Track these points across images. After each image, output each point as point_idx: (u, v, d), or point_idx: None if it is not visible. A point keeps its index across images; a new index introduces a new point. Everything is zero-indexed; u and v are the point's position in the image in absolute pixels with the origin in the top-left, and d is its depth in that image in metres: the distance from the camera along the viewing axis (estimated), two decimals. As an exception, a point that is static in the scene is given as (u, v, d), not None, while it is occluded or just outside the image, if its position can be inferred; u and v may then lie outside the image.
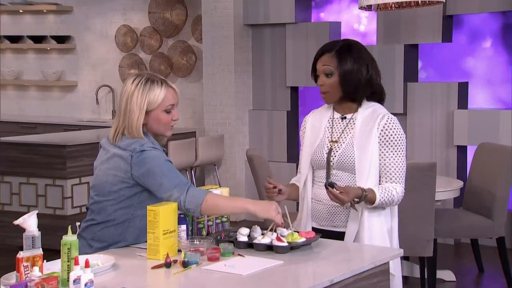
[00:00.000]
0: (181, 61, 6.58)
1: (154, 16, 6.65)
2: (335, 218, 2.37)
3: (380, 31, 5.29)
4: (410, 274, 4.21)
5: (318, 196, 2.39)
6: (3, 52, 7.58)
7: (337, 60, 2.32)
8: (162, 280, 1.97)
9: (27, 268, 1.75)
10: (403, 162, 2.33)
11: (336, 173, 2.34)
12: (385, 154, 2.31)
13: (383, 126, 2.31)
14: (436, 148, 5.09)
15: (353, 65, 2.31)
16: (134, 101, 2.24)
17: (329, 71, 2.32)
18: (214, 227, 2.36)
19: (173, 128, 2.34)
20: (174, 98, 2.32)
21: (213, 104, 5.92)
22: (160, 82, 2.29)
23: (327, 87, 2.34)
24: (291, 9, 5.57)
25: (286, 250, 2.14)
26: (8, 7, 7.33)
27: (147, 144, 2.23)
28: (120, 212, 2.23)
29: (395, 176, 2.32)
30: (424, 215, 3.66)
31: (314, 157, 2.39)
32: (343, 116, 2.39)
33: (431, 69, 5.35)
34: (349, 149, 2.32)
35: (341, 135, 2.37)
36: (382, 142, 2.31)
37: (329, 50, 2.35)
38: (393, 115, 2.37)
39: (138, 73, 2.32)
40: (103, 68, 7.02)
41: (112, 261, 2.02)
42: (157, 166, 2.19)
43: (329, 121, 2.41)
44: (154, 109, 2.26)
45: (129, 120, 2.24)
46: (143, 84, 2.26)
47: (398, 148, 2.31)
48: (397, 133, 2.32)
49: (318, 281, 1.91)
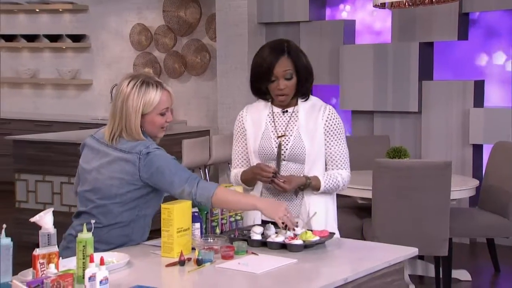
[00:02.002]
0: (195, 59, 6.59)
1: (168, 15, 6.67)
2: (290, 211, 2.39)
3: (395, 29, 5.25)
4: (425, 274, 4.18)
5: (269, 190, 2.45)
6: (20, 51, 7.66)
7: (292, 62, 2.40)
8: (176, 278, 1.98)
9: (43, 265, 1.76)
10: (346, 149, 2.48)
11: (286, 164, 2.43)
12: (331, 144, 2.44)
13: (327, 117, 2.44)
14: (451, 147, 5.05)
15: (306, 62, 2.44)
16: (130, 104, 2.23)
17: (290, 75, 2.40)
18: (228, 225, 2.37)
19: (165, 129, 2.34)
20: (169, 101, 2.32)
21: (227, 103, 5.92)
22: (156, 85, 2.28)
23: (288, 90, 2.41)
24: (305, 7, 5.56)
25: (300, 249, 2.14)
26: (25, 6, 7.39)
27: (152, 145, 2.24)
28: (126, 214, 2.24)
29: (342, 163, 2.46)
30: (439, 214, 3.64)
31: (262, 151, 2.45)
32: (285, 110, 2.48)
33: (447, 67, 5.30)
34: (299, 141, 2.42)
35: (287, 128, 2.45)
36: (327, 132, 2.44)
37: (281, 53, 2.40)
38: (331, 106, 2.50)
39: (134, 75, 2.31)
40: (118, 67, 7.06)
41: (127, 259, 2.03)
42: (165, 165, 2.20)
43: (269, 115, 2.48)
44: (150, 112, 2.26)
45: (127, 122, 2.24)
46: (139, 87, 2.25)
47: (341, 136, 2.46)
48: (339, 123, 2.46)
49: (332, 280, 1.91)
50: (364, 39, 5.62)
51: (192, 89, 6.70)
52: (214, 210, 2.31)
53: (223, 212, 2.35)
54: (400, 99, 5.16)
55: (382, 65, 5.20)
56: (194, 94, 6.69)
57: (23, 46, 7.55)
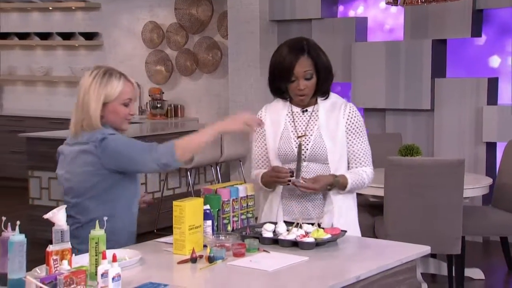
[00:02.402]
0: (207, 57, 6.60)
1: (180, 13, 6.68)
2: (309, 211, 2.40)
3: (408, 26, 5.22)
4: (438, 272, 4.16)
5: (290, 190, 2.42)
6: (33, 48, 7.71)
7: (312, 62, 2.38)
8: (188, 275, 1.99)
9: (56, 262, 1.77)
10: (368, 145, 2.46)
11: (308, 165, 2.39)
12: (352, 141, 2.42)
13: (348, 115, 2.42)
14: (464, 145, 5.01)
15: (326, 61, 2.41)
16: (92, 93, 2.22)
17: (310, 75, 2.38)
18: (239, 222, 2.37)
19: (129, 122, 2.32)
20: (133, 93, 2.29)
21: (238, 100, 5.92)
22: (119, 75, 2.26)
23: (309, 90, 2.39)
24: (317, 4, 5.54)
25: (311, 246, 2.14)
26: (38, 4, 7.45)
27: (107, 130, 2.22)
28: (102, 208, 2.21)
29: (365, 160, 2.43)
30: (452, 212, 3.62)
31: (282, 151, 2.42)
32: (304, 110, 2.44)
33: (460, 65, 5.26)
34: (319, 141, 2.38)
35: (307, 128, 2.41)
36: (349, 130, 2.41)
37: (301, 53, 2.37)
38: (352, 103, 2.47)
39: (96, 67, 2.30)
40: (130, 65, 7.08)
41: (139, 256, 2.04)
42: (121, 145, 2.19)
43: (288, 115, 2.45)
44: (112, 101, 2.23)
45: (87, 112, 2.22)
46: (101, 77, 2.23)
47: (363, 133, 2.43)
48: (360, 120, 2.44)
49: (344, 278, 1.91)
50: (377, 36, 5.59)
51: (204, 87, 6.71)
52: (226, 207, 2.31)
53: (235, 210, 2.35)
54: (412, 97, 5.13)
55: (394, 63, 5.17)
56: (205, 92, 6.70)
57: (36, 44, 7.60)
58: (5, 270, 1.80)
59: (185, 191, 5.62)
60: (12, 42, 7.67)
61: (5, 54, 7.85)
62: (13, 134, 6.12)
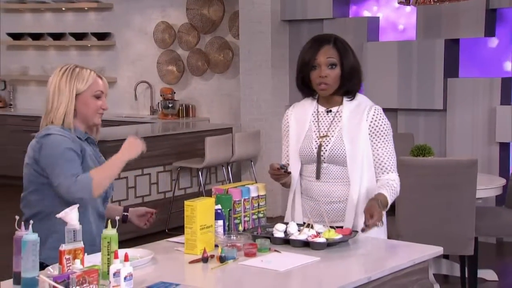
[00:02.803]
0: (218, 57, 6.60)
1: (191, 13, 6.70)
2: (331, 214, 2.35)
3: (420, 26, 5.19)
4: (450, 273, 4.13)
5: (309, 193, 2.39)
6: (46, 49, 7.76)
7: (338, 53, 2.33)
8: (199, 274, 1.99)
9: (69, 261, 1.78)
10: (393, 151, 2.38)
11: (327, 167, 2.34)
12: (377, 146, 2.34)
13: (372, 118, 2.33)
14: (477, 145, 4.97)
15: (353, 58, 2.35)
16: (63, 86, 2.21)
17: (333, 62, 2.32)
18: (250, 222, 2.37)
19: (101, 116, 2.30)
20: (104, 87, 2.29)
21: (250, 100, 5.92)
22: (89, 70, 2.27)
23: (331, 79, 2.32)
24: (328, 4, 5.53)
25: (323, 247, 2.13)
26: (51, 4, 7.50)
27: (55, 128, 2.18)
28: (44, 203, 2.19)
29: (389, 165, 2.36)
30: (464, 213, 3.59)
31: (303, 152, 2.38)
32: (329, 110, 2.39)
33: (473, 65, 5.23)
34: (339, 143, 2.33)
35: (329, 128, 2.37)
36: (373, 134, 2.34)
37: (327, 42, 2.35)
38: (379, 106, 2.38)
39: (64, 64, 2.30)
40: (142, 64, 7.11)
41: (151, 255, 2.04)
42: (55, 151, 2.14)
43: (313, 115, 2.41)
44: (83, 92, 2.22)
45: (57, 108, 2.19)
46: (72, 70, 2.24)
47: (387, 138, 2.35)
48: (385, 123, 2.35)
49: (356, 278, 1.90)
50: (389, 36, 5.57)
51: (215, 87, 6.72)
52: (237, 207, 2.32)
53: (246, 210, 2.35)
54: (424, 97, 5.10)
55: (406, 62, 5.14)
56: (217, 92, 6.71)
57: (49, 45, 7.66)
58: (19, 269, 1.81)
59: (197, 191, 5.63)
60: (26, 42, 7.73)
61: (19, 54, 7.91)
62: (26, 134, 6.14)
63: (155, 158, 5.34)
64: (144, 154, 2.37)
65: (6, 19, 7.90)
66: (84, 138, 2.26)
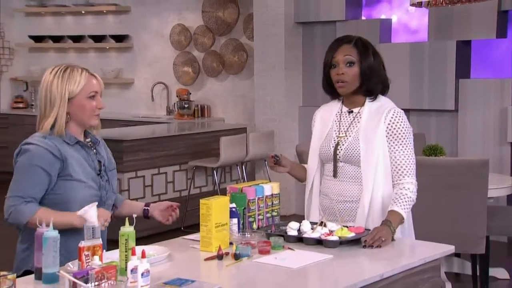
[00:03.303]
0: (233, 58, 6.61)
1: (207, 15, 6.72)
2: (343, 213, 2.34)
3: (432, 27, 5.16)
4: (462, 271, 4.10)
5: (325, 191, 2.39)
6: (66, 51, 7.83)
7: (357, 51, 2.32)
8: (214, 271, 2.00)
9: (88, 257, 1.80)
10: (412, 155, 2.32)
11: (343, 166, 2.34)
12: (394, 148, 2.30)
13: (390, 120, 2.30)
14: (488, 145, 4.93)
15: (373, 58, 2.33)
16: (55, 90, 2.09)
17: (351, 60, 2.31)
18: (264, 221, 2.37)
19: (99, 116, 2.18)
20: (98, 86, 2.17)
21: (264, 101, 5.92)
22: (81, 70, 2.15)
23: (348, 77, 2.31)
24: (341, 6, 5.51)
25: (335, 245, 2.13)
26: (71, 8, 7.56)
27: (37, 138, 2.09)
28: None
29: (406, 170, 2.29)
30: (476, 212, 3.56)
31: (322, 150, 2.39)
32: (350, 110, 2.39)
33: (485, 66, 5.18)
34: (355, 143, 2.32)
35: (348, 128, 2.36)
36: (390, 136, 2.30)
37: (347, 42, 2.35)
38: (400, 109, 2.35)
39: (56, 64, 2.18)
40: (158, 66, 7.14)
41: (167, 252, 2.05)
42: (20, 165, 2.07)
43: (337, 115, 2.41)
44: (76, 95, 2.10)
45: (49, 111, 2.09)
46: (63, 72, 2.11)
47: (406, 141, 2.30)
48: (404, 127, 2.31)
49: (369, 276, 1.89)
50: (401, 37, 5.54)
51: (230, 88, 6.73)
52: (251, 205, 2.32)
53: (260, 208, 2.36)
54: (436, 97, 5.07)
55: (418, 64, 5.11)
56: (231, 92, 6.72)
57: (69, 47, 7.72)
58: (40, 264, 1.83)
59: (211, 189, 5.64)
60: (47, 45, 7.80)
61: (40, 56, 7.99)
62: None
63: (171, 158, 5.36)
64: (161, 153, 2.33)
65: (28, 22, 7.98)
66: (73, 143, 2.14)
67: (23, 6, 7.90)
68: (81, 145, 2.18)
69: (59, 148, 2.10)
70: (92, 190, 2.14)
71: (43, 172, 2.07)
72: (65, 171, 2.10)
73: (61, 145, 2.11)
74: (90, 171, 2.16)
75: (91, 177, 2.16)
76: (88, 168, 2.16)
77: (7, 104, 7.98)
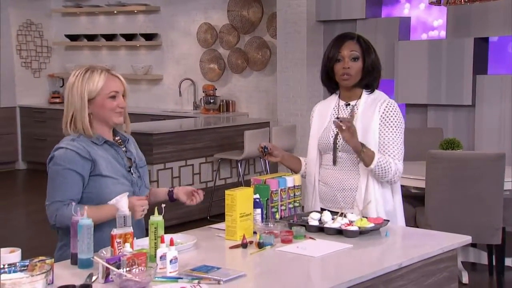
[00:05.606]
0: (257, 55, 6.60)
1: (232, 14, 6.71)
2: (340, 200, 2.35)
3: (450, 25, 5.07)
4: (478, 261, 4.05)
5: (325, 179, 2.41)
6: (99, 49, 7.91)
7: (360, 48, 2.37)
8: (239, 259, 2.00)
9: (119, 244, 1.82)
10: (401, 142, 2.33)
11: (341, 155, 2.36)
12: (384, 133, 2.32)
13: (384, 109, 2.33)
14: (505, 140, 4.84)
15: (374, 55, 2.39)
16: (75, 91, 2.10)
17: (356, 56, 2.36)
18: (287, 211, 2.36)
19: (121, 114, 2.16)
20: (118, 86, 2.14)
21: (286, 96, 5.90)
22: (100, 71, 2.13)
23: (353, 71, 2.36)
24: (361, 5, 5.45)
25: (355, 235, 2.12)
26: (104, 8, 7.63)
27: (66, 142, 2.09)
28: None
29: (394, 153, 2.31)
30: (492, 203, 3.51)
31: (321, 141, 2.42)
32: (347, 103, 2.42)
33: (502, 62, 5.07)
34: None
35: None
36: (382, 123, 2.33)
37: (350, 38, 2.39)
38: (393, 100, 2.38)
39: (80, 66, 2.18)
40: (186, 63, 7.17)
41: (194, 240, 2.06)
42: (54, 170, 2.07)
43: (334, 109, 2.44)
44: (96, 96, 2.10)
45: (74, 111, 2.10)
46: (83, 74, 2.12)
47: (396, 129, 2.32)
48: (396, 115, 2.33)
49: (387, 264, 1.88)
50: (419, 35, 5.46)
51: (254, 84, 6.72)
52: (274, 196, 2.32)
53: (283, 199, 2.35)
54: (454, 93, 4.99)
55: (436, 60, 5.03)
56: (255, 88, 6.71)
57: (102, 45, 7.79)
58: (76, 250, 1.86)
59: (236, 181, 5.65)
60: (81, 43, 7.89)
61: (75, 54, 8.08)
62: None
63: (198, 150, 5.39)
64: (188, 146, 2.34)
65: (64, 22, 8.08)
66: (101, 143, 2.13)
67: (60, 7, 8.00)
68: (109, 144, 2.16)
69: (87, 149, 2.09)
70: (125, 187, 2.13)
71: (76, 174, 2.07)
72: (95, 171, 2.10)
73: (89, 146, 2.11)
74: (120, 168, 2.15)
75: (122, 174, 2.15)
76: (117, 166, 2.15)
77: (45, 99, 8.10)
